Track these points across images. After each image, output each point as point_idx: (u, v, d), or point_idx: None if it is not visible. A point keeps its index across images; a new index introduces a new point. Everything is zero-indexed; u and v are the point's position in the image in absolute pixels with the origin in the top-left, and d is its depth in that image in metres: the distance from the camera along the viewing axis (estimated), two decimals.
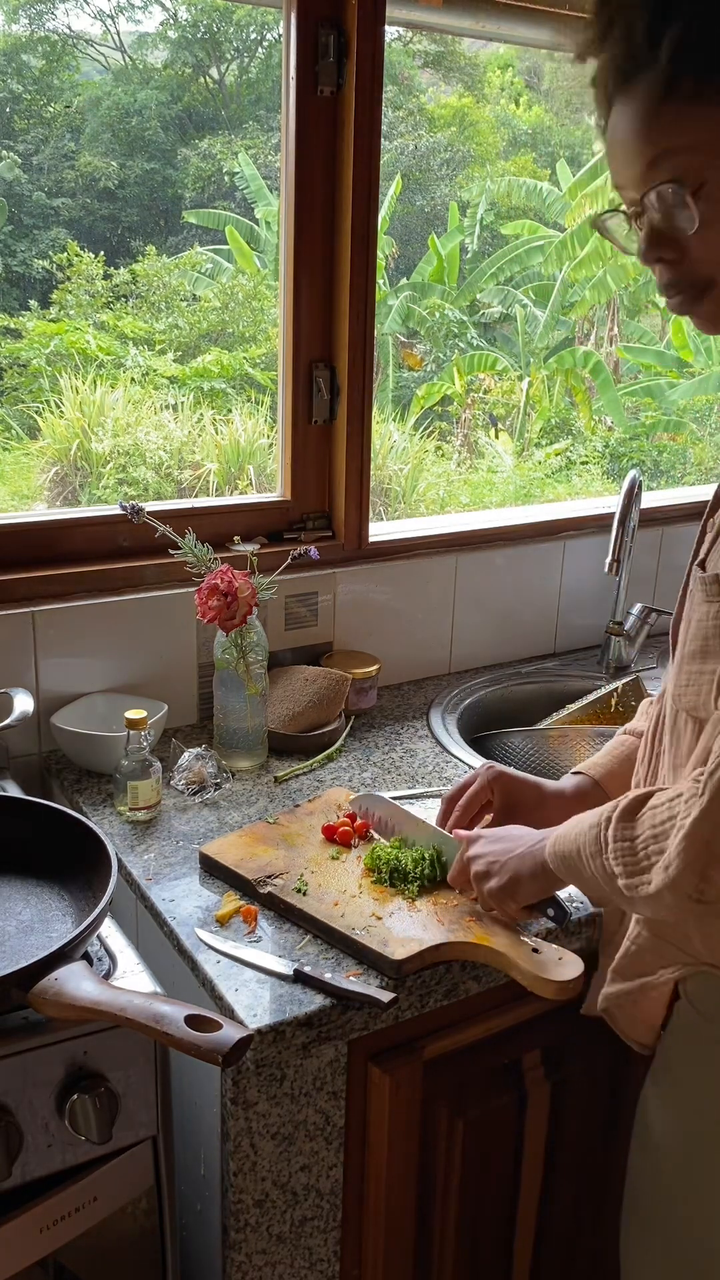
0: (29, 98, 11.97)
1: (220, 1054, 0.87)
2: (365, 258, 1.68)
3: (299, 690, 1.67)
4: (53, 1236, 0.99)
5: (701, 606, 0.95)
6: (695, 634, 0.96)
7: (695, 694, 0.96)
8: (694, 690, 0.96)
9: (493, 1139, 1.27)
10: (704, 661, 0.95)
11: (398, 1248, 1.23)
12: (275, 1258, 1.17)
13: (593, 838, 0.95)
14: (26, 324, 9.07)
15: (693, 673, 0.97)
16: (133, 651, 1.64)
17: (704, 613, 0.95)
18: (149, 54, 13.11)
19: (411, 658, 1.93)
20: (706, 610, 0.95)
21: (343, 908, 1.19)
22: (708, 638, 0.94)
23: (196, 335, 9.49)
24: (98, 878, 1.09)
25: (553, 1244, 1.38)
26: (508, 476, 8.64)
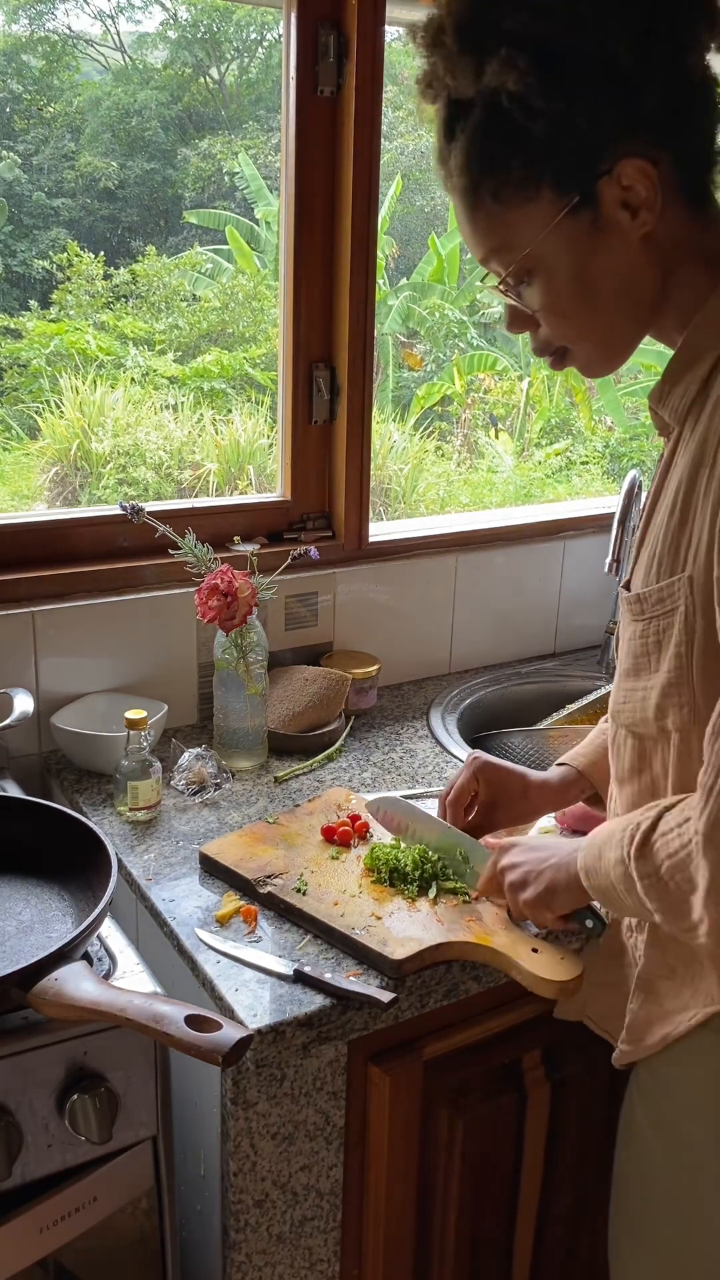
0: (29, 98, 11.96)
1: (220, 1054, 0.87)
2: (365, 258, 1.68)
3: (299, 690, 1.67)
4: (53, 1236, 0.99)
5: (629, 626, 0.98)
6: (626, 653, 0.99)
7: (632, 711, 0.98)
8: (630, 708, 0.99)
9: (493, 1139, 1.26)
10: (636, 679, 0.97)
11: (398, 1248, 1.23)
12: (275, 1258, 1.17)
13: (620, 875, 0.94)
14: (26, 324, 9.06)
15: (627, 690, 0.99)
16: (133, 651, 1.64)
17: (631, 632, 0.97)
18: (149, 54, 13.10)
19: (411, 658, 1.93)
20: (634, 629, 0.97)
21: (343, 907, 1.19)
22: (637, 656, 0.97)
23: (196, 335, 9.48)
24: (98, 878, 1.09)
25: (552, 1244, 1.38)
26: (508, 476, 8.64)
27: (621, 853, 0.94)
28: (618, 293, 0.92)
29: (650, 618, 0.94)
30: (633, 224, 0.88)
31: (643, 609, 0.95)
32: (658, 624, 0.93)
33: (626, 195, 0.87)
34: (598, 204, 0.87)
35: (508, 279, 0.93)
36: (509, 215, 0.90)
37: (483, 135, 0.88)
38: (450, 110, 0.90)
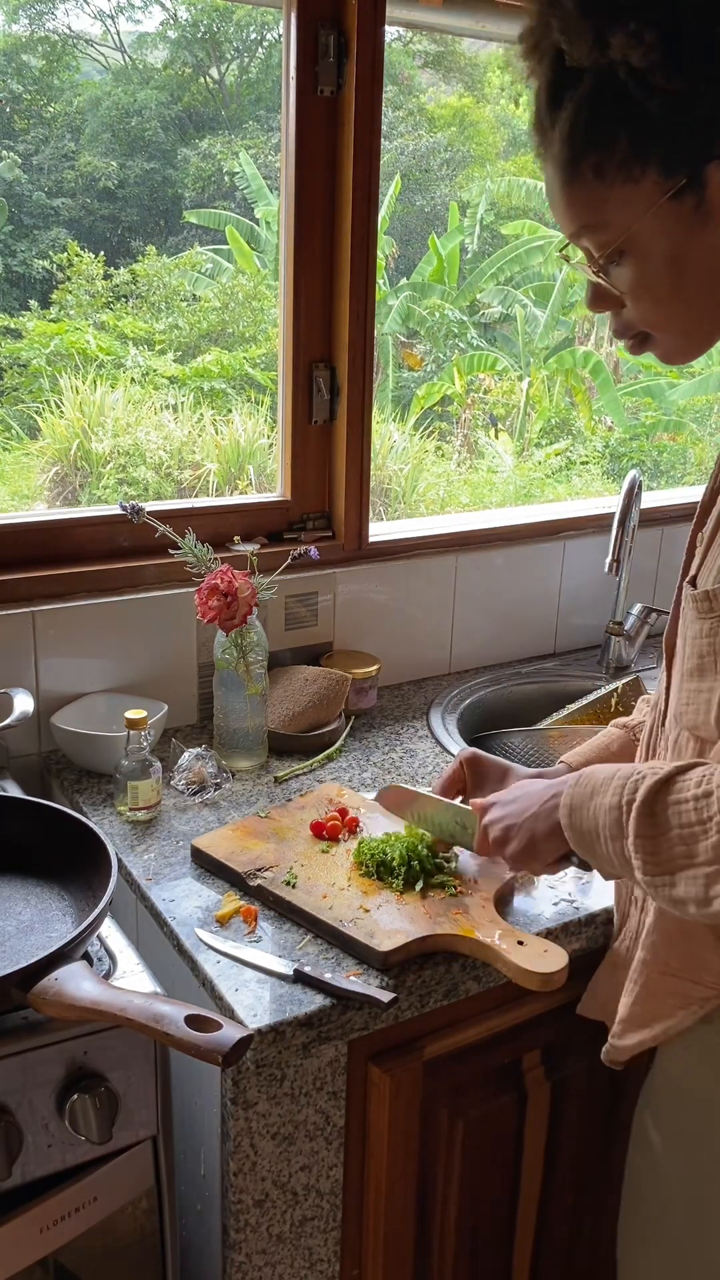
0: (29, 98, 11.96)
1: (220, 1054, 0.87)
2: (365, 258, 1.68)
3: (299, 690, 1.67)
4: (53, 1236, 0.99)
5: (694, 624, 0.95)
6: (691, 652, 0.96)
7: (695, 713, 0.95)
8: (694, 709, 0.95)
9: (493, 1139, 1.27)
10: (701, 679, 0.94)
11: (398, 1248, 1.23)
12: (275, 1258, 1.17)
13: (613, 820, 0.91)
14: (26, 324, 9.06)
15: (691, 691, 0.96)
16: (133, 651, 1.64)
17: (697, 630, 0.95)
18: (149, 54, 13.10)
19: (411, 658, 1.93)
20: (700, 628, 0.94)
21: (331, 900, 1.19)
22: (703, 655, 0.94)
23: (196, 335, 9.48)
24: (98, 878, 1.09)
25: (552, 1244, 1.38)
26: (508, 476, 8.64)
27: (619, 799, 0.91)
28: (712, 280, 0.89)
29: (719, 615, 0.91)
30: None
31: (710, 606, 0.92)
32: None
33: None
34: (704, 188, 0.84)
35: (599, 259, 0.90)
36: (609, 193, 0.87)
37: (593, 107, 0.84)
38: (559, 75, 0.86)
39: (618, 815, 0.91)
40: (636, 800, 0.89)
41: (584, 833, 0.96)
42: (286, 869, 1.25)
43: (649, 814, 0.88)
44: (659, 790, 0.88)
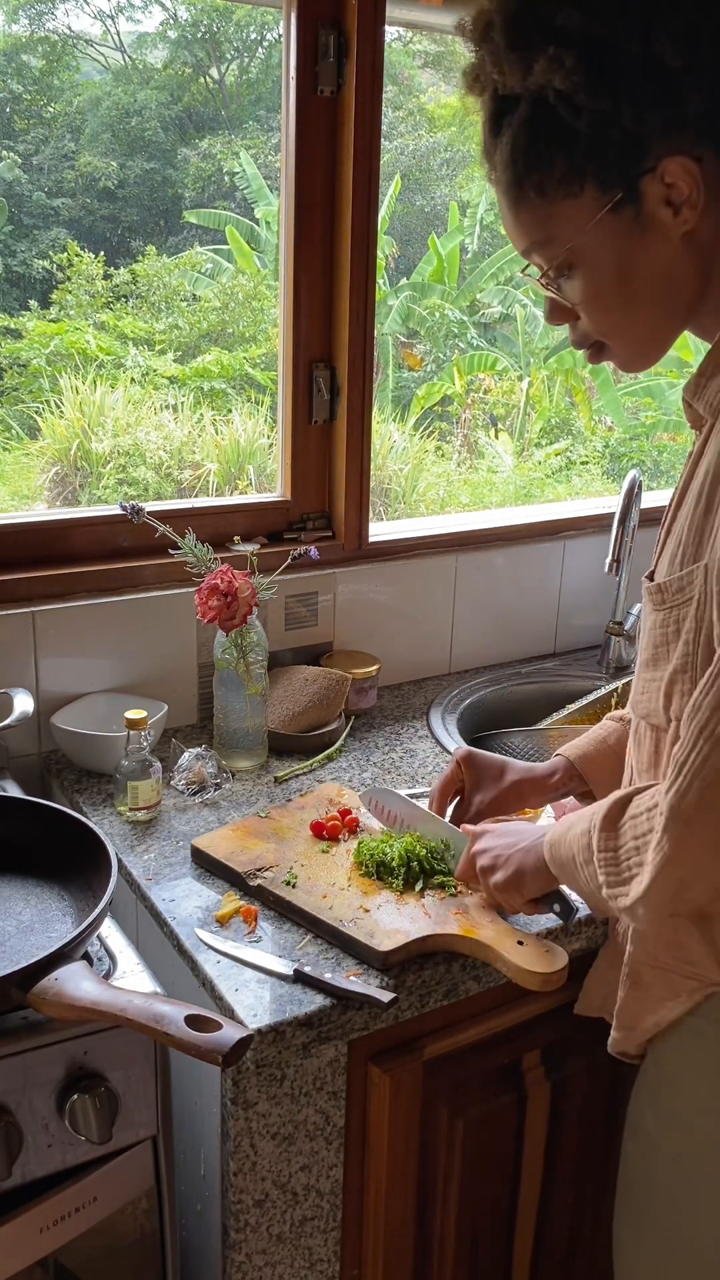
0: (29, 98, 11.96)
1: (220, 1054, 0.87)
2: (365, 258, 1.68)
3: (299, 690, 1.67)
4: (53, 1236, 0.99)
5: (650, 615, 0.98)
6: (646, 643, 1.00)
7: (649, 701, 0.99)
8: (647, 698, 0.99)
9: (493, 1139, 1.27)
10: (655, 669, 0.98)
11: (398, 1248, 1.23)
12: (275, 1258, 1.17)
13: (583, 845, 0.96)
14: (26, 324, 9.06)
15: (646, 680, 1.00)
16: (133, 651, 1.64)
17: (652, 621, 0.98)
18: (149, 54, 13.10)
19: (411, 658, 1.93)
20: (654, 619, 0.98)
21: (331, 900, 1.20)
22: (657, 646, 0.97)
23: (196, 335, 9.48)
24: (98, 878, 1.09)
25: (553, 1244, 1.38)
26: (508, 476, 8.64)
27: (588, 824, 0.96)
28: (658, 289, 0.92)
29: (670, 607, 0.95)
30: (675, 221, 0.89)
31: (664, 598, 0.95)
32: (677, 613, 0.94)
33: (670, 193, 0.87)
34: (640, 201, 0.88)
35: (549, 272, 0.94)
36: (552, 210, 0.91)
37: (528, 131, 0.89)
38: (497, 105, 0.91)
39: (587, 840, 0.96)
40: (597, 822, 0.94)
41: (563, 864, 1.01)
42: (286, 869, 1.25)
43: (608, 830, 0.93)
44: (617, 809, 0.93)
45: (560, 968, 1.09)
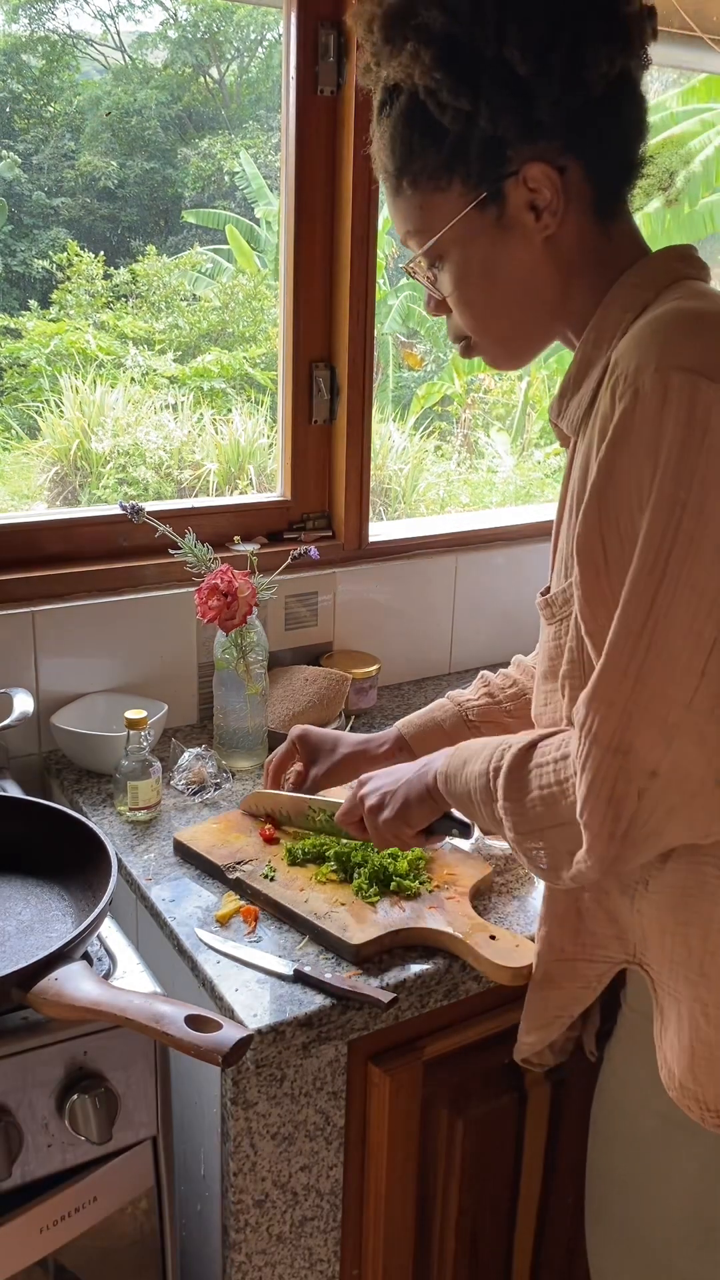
0: (29, 98, 11.95)
1: (220, 1054, 0.87)
2: (365, 258, 1.68)
3: (299, 690, 1.67)
4: (53, 1236, 0.99)
5: (545, 629, 1.01)
6: (542, 655, 1.02)
7: (552, 712, 1.01)
8: (550, 709, 1.01)
9: (493, 1139, 1.27)
10: (553, 680, 1.00)
11: (398, 1248, 1.23)
12: (275, 1258, 1.17)
13: (481, 786, 0.98)
14: (26, 324, 9.05)
15: (546, 693, 1.02)
16: (133, 651, 1.64)
17: (546, 635, 1.01)
18: (149, 54, 13.09)
19: (411, 658, 1.93)
20: (547, 632, 1.00)
21: (308, 894, 1.21)
22: (551, 658, 0.99)
23: (196, 335, 9.47)
24: (98, 878, 1.09)
25: (553, 1244, 1.38)
26: (507, 476, 8.63)
27: (487, 767, 0.97)
28: (519, 291, 0.95)
29: (560, 619, 0.97)
30: (536, 226, 0.91)
31: (553, 611, 0.98)
32: (564, 625, 0.96)
33: (533, 197, 0.90)
34: (504, 202, 0.91)
35: (420, 261, 0.97)
36: (424, 201, 0.93)
37: (404, 123, 0.91)
38: (381, 95, 0.94)
39: (486, 781, 0.97)
40: (503, 766, 0.95)
41: (459, 797, 1.03)
42: (266, 862, 1.26)
43: (514, 779, 0.94)
44: (523, 756, 0.94)
45: (530, 963, 1.10)
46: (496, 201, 0.91)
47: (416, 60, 0.87)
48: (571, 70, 0.86)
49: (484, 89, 0.87)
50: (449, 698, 1.31)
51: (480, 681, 1.31)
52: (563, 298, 0.95)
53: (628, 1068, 1.04)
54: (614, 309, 0.91)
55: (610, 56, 0.87)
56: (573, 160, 0.90)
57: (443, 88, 0.87)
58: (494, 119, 0.87)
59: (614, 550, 0.83)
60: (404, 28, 0.88)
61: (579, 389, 0.93)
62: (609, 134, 0.91)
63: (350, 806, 1.18)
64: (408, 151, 0.92)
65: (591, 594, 0.86)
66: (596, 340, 0.92)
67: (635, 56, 0.90)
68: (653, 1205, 1.02)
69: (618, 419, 0.82)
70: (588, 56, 0.86)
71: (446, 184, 0.91)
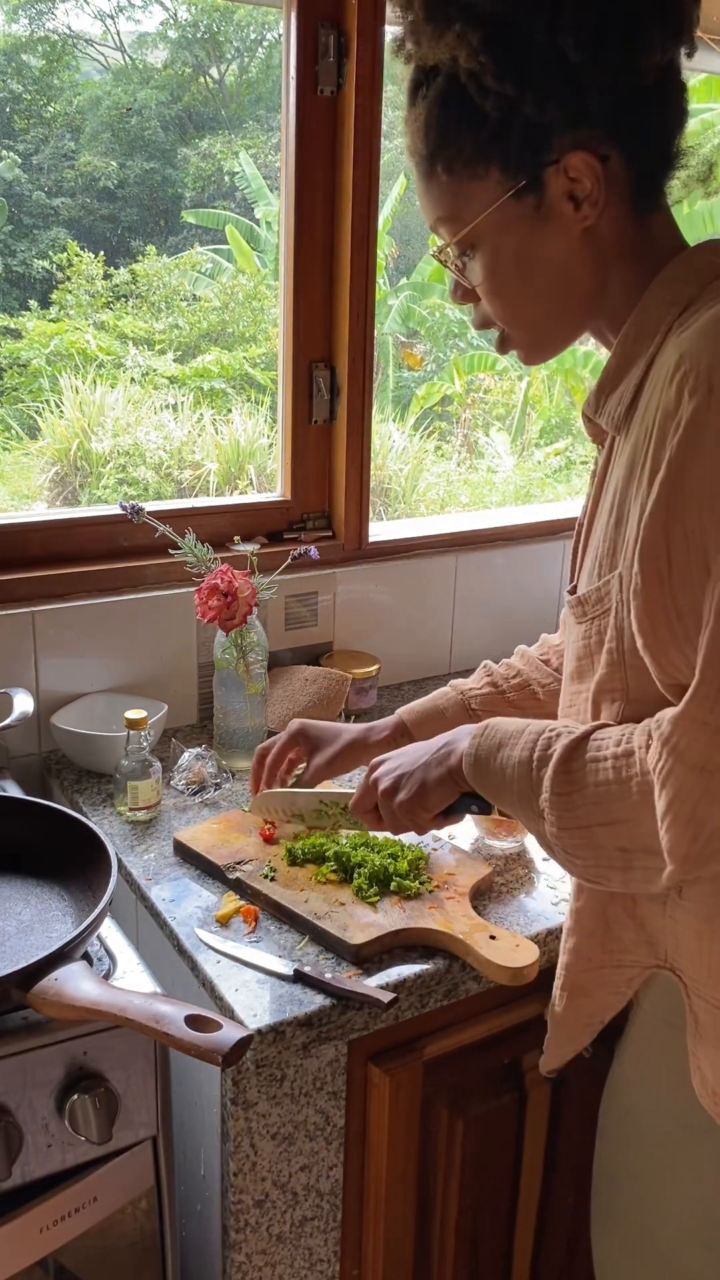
0: (29, 98, 11.96)
1: (220, 1054, 0.87)
2: (365, 258, 1.68)
3: (299, 690, 1.67)
4: (53, 1236, 0.99)
5: (574, 629, 0.98)
6: (571, 655, 0.99)
7: (576, 714, 0.98)
8: (575, 710, 0.99)
9: (493, 1139, 1.27)
10: (580, 682, 0.97)
11: (398, 1248, 1.23)
12: (275, 1258, 1.17)
13: (522, 775, 0.92)
14: (26, 324, 9.05)
15: (572, 694, 0.99)
16: (133, 651, 1.64)
17: (576, 634, 0.98)
18: (149, 54, 13.09)
19: (411, 658, 1.93)
20: (577, 631, 0.97)
21: (308, 894, 1.21)
22: (580, 659, 0.97)
23: (196, 335, 9.48)
24: (98, 878, 1.09)
25: (553, 1244, 1.38)
26: (507, 476, 8.64)
27: (531, 754, 0.92)
28: (554, 282, 0.92)
29: (591, 618, 0.95)
30: (575, 216, 0.89)
31: (584, 610, 0.96)
32: (598, 624, 0.94)
33: (573, 187, 0.87)
34: (544, 191, 0.88)
35: (450, 249, 0.94)
36: (458, 188, 0.91)
37: (441, 106, 0.89)
38: (416, 76, 0.91)
39: (528, 770, 0.92)
40: (553, 757, 0.90)
41: (489, 781, 0.98)
42: (266, 863, 1.26)
43: (565, 772, 0.89)
44: (575, 748, 0.89)
45: (530, 963, 1.10)
46: (535, 191, 0.88)
47: (463, 42, 0.84)
48: (626, 58, 0.84)
49: (532, 74, 0.83)
50: (452, 685, 1.30)
51: (483, 670, 1.30)
52: (599, 290, 0.93)
53: (642, 1071, 1.03)
54: (656, 304, 0.89)
55: (664, 43, 0.85)
56: (614, 149, 0.87)
57: (487, 72, 0.84)
58: (540, 105, 0.84)
59: (679, 553, 0.81)
60: (450, 7, 0.84)
61: (619, 385, 0.91)
62: (653, 123, 0.88)
63: (364, 793, 1.13)
64: (443, 136, 0.89)
65: (653, 600, 0.83)
66: (638, 335, 0.90)
67: (685, 42, 0.87)
68: (663, 1206, 1.01)
69: (690, 416, 0.79)
70: (643, 43, 0.84)
71: (483, 171, 0.88)
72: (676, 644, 0.83)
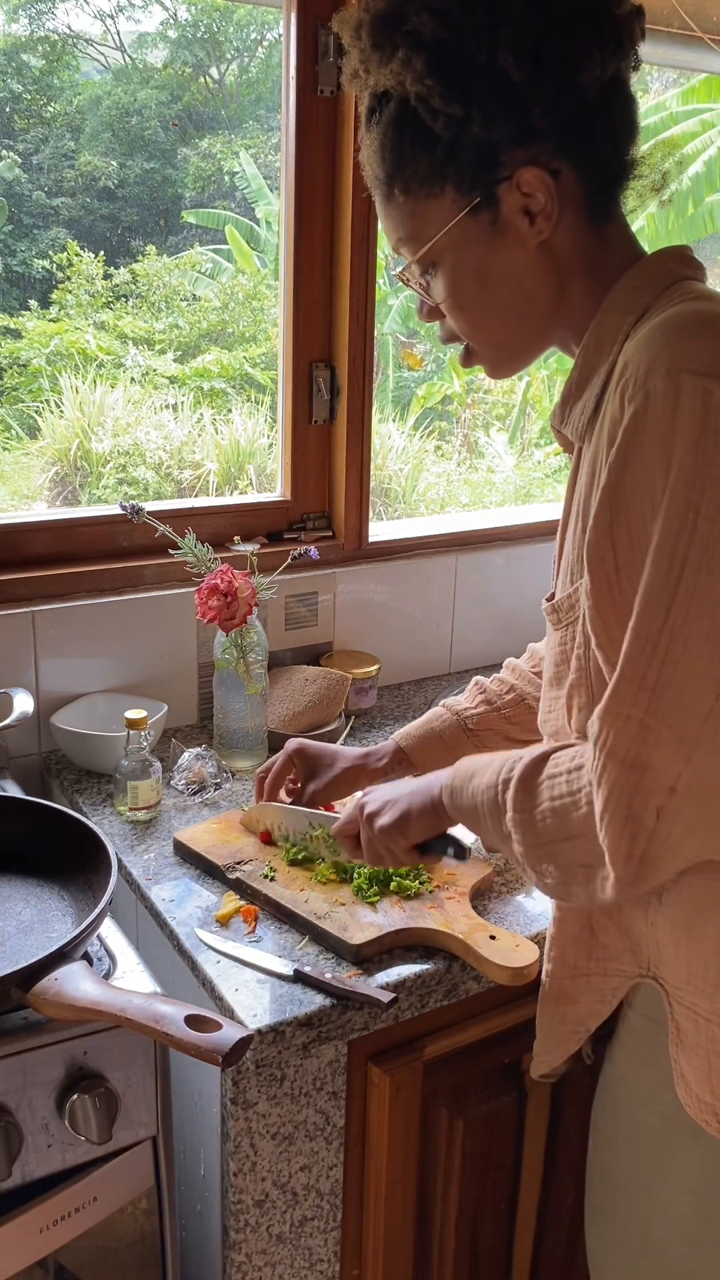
0: (29, 98, 11.95)
1: (220, 1054, 0.87)
2: (365, 258, 1.68)
3: (299, 690, 1.67)
4: (53, 1236, 0.99)
5: (551, 635, 1.00)
6: (549, 661, 1.01)
7: (556, 719, 1.00)
8: (555, 716, 1.00)
9: (493, 1139, 1.27)
10: (559, 687, 0.98)
11: (398, 1248, 1.23)
12: (275, 1258, 1.17)
13: (489, 799, 0.95)
14: (26, 324, 9.05)
15: (551, 699, 1.01)
16: (133, 651, 1.64)
17: (553, 640, 0.99)
18: (149, 54, 13.09)
19: (411, 658, 1.93)
20: (554, 638, 0.99)
21: (308, 894, 1.21)
22: (558, 664, 0.98)
23: (196, 335, 9.47)
24: (98, 878, 1.09)
25: (552, 1244, 1.38)
26: (507, 476, 8.63)
27: (496, 779, 0.95)
28: (514, 296, 0.94)
29: (565, 625, 0.96)
30: (530, 230, 0.90)
31: (559, 617, 0.97)
32: (571, 630, 0.95)
33: (527, 202, 0.89)
34: (498, 207, 0.90)
35: (413, 268, 0.96)
36: (416, 208, 0.92)
37: (394, 129, 0.90)
38: (370, 102, 0.93)
39: (494, 794, 0.94)
40: (513, 778, 0.92)
41: (464, 811, 1.00)
42: (266, 862, 1.26)
43: (525, 791, 0.91)
44: (534, 767, 0.92)
45: (530, 963, 1.10)
46: (490, 207, 0.90)
47: (407, 67, 0.86)
48: (565, 74, 0.86)
49: (476, 95, 0.86)
50: (445, 706, 1.30)
51: (476, 688, 1.30)
52: (558, 302, 0.94)
53: (630, 1069, 1.04)
54: (613, 313, 0.91)
55: (603, 59, 0.87)
56: (565, 163, 0.89)
57: (434, 94, 0.86)
58: (487, 124, 0.87)
59: (625, 555, 0.82)
60: (393, 34, 0.87)
61: (582, 395, 0.93)
62: (602, 136, 0.90)
63: (348, 820, 1.16)
64: (398, 158, 0.91)
65: (603, 601, 0.85)
66: (598, 345, 0.91)
67: (627, 58, 0.89)
68: (654, 1204, 1.02)
69: (628, 421, 0.81)
70: (581, 60, 0.86)
71: (439, 190, 0.91)
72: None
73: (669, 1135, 0.99)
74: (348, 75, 0.94)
